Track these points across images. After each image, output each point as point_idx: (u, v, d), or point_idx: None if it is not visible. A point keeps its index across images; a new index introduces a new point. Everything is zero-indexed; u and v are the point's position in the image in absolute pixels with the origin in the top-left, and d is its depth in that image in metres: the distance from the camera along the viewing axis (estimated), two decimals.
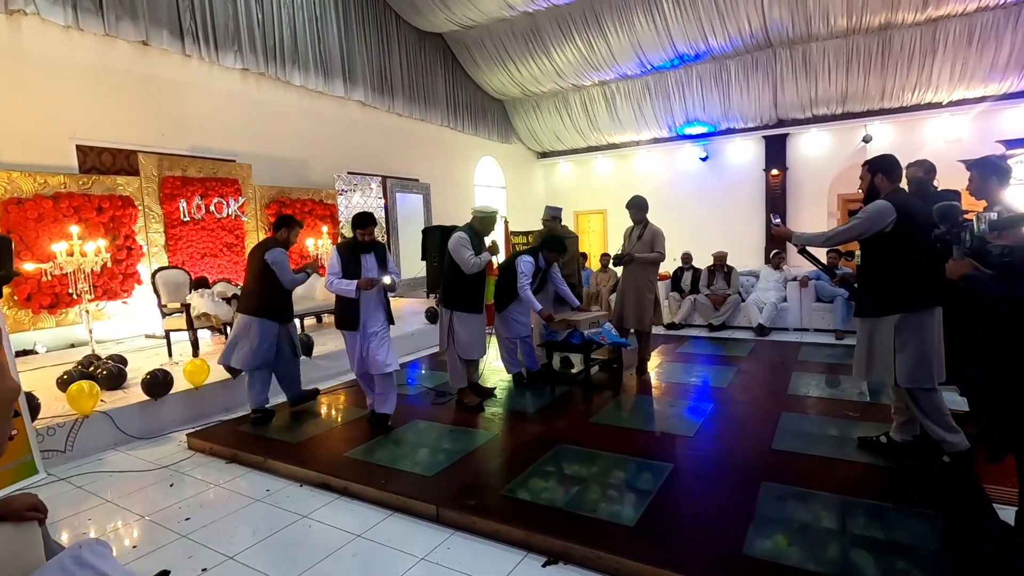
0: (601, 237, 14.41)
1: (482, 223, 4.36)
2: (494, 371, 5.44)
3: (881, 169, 3.02)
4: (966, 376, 3.11)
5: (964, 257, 2.54)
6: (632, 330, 5.26)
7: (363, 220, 3.91)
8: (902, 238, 2.83)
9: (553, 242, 4.85)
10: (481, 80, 12.81)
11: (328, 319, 7.44)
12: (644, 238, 5.08)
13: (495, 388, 4.86)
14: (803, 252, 3.76)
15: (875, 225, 2.86)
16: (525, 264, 4.65)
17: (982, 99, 10.00)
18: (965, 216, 2.66)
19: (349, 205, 9.22)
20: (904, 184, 3.21)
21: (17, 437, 3.07)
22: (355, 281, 3.79)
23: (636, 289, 5.13)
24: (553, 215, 5.62)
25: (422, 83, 11.44)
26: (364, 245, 3.92)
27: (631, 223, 5.27)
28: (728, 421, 3.95)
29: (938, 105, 10.38)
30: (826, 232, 3.10)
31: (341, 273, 3.81)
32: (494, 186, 14.01)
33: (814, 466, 3.09)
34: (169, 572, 2.27)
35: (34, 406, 3.60)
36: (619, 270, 6.04)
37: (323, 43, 9.24)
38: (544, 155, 15.23)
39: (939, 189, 3.55)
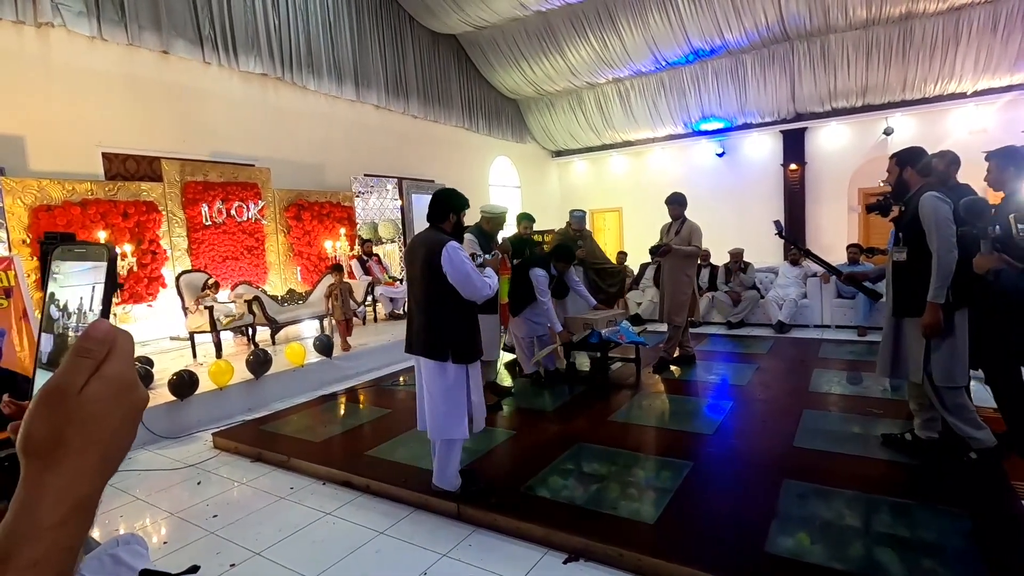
0: (617, 235, 14.34)
1: (490, 223, 4.30)
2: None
3: (910, 162, 2.93)
4: (996, 369, 3.05)
5: (992, 251, 2.50)
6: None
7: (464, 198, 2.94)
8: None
9: (561, 252, 4.86)
10: (495, 80, 12.83)
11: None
12: (682, 234, 5.13)
13: (513, 387, 4.88)
14: (807, 253, 3.71)
15: (951, 223, 2.68)
16: (540, 278, 4.63)
17: (1008, 88, 9.74)
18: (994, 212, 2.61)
19: (366, 207, 9.32)
20: None
21: None
22: (492, 270, 2.97)
23: (671, 283, 5.20)
24: (578, 225, 5.78)
25: (436, 85, 11.49)
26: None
27: (669, 219, 5.31)
28: (748, 419, 3.92)
29: (962, 95, 10.14)
30: (939, 274, 2.69)
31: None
32: (509, 185, 14.02)
33: (837, 464, 3.06)
34: (199, 568, 2.33)
35: None
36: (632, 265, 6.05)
37: (337, 48, 9.33)
38: (559, 154, 15.20)
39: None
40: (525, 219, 5.17)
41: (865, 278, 3.51)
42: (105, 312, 0.47)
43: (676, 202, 5.22)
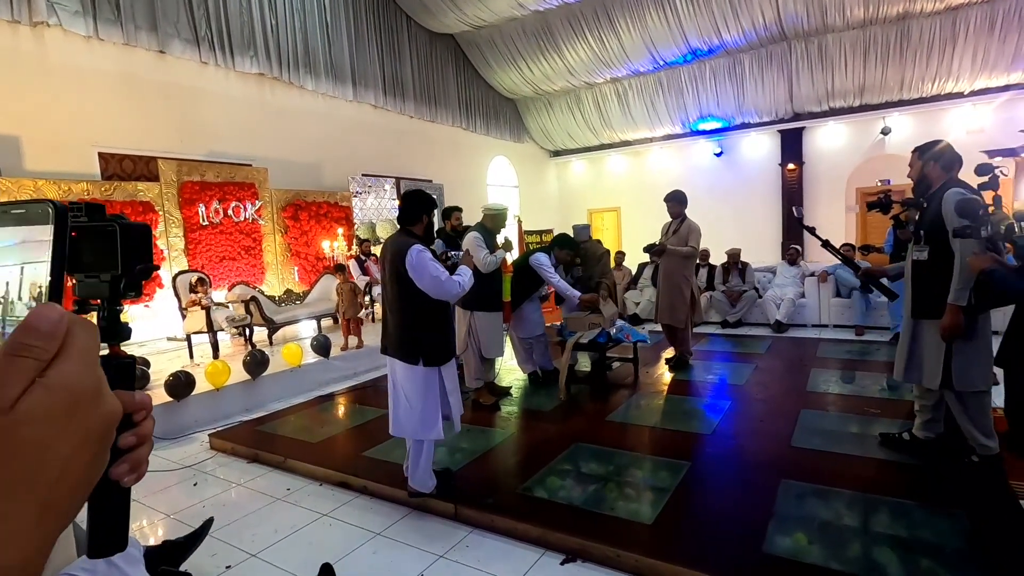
0: (615, 235, 14.34)
1: (493, 221, 4.34)
2: (509, 370, 5.45)
3: (933, 156, 2.81)
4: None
5: (985, 251, 2.49)
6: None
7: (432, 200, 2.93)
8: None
9: (564, 240, 4.84)
10: (493, 80, 12.81)
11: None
12: (680, 232, 5.09)
13: (511, 387, 4.88)
14: (826, 245, 3.65)
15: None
16: (542, 260, 4.64)
17: (1006, 88, 9.74)
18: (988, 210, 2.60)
19: (364, 207, 9.30)
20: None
21: None
22: (466, 266, 2.94)
23: (669, 283, 5.15)
24: (587, 236, 5.59)
25: (434, 84, 11.48)
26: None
27: (668, 217, 5.26)
28: (746, 418, 3.92)
29: (959, 95, 10.15)
30: (962, 275, 2.60)
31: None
32: (507, 185, 14.01)
33: (835, 463, 3.05)
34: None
35: None
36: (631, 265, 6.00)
37: (335, 47, 9.31)
38: (557, 153, 15.19)
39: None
40: (456, 210, 4.89)
41: (883, 275, 3.38)
42: (56, 294, 0.35)
43: (675, 200, 5.15)
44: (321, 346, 5.54)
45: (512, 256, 4.86)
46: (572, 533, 2.46)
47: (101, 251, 0.41)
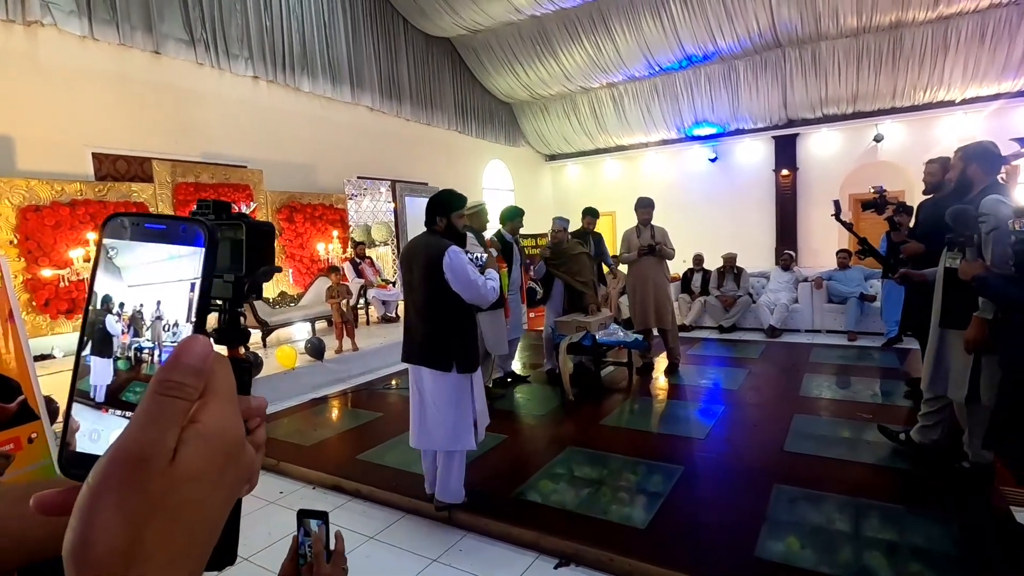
0: (610, 240, 14.35)
1: (476, 219, 4.27)
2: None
3: (977, 159, 2.70)
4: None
5: (977, 259, 2.51)
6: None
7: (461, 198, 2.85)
8: None
9: (512, 213, 4.81)
10: (489, 83, 12.85)
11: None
12: (656, 237, 5.13)
13: (504, 392, 4.88)
14: (863, 243, 3.58)
15: (1011, 232, 2.44)
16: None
17: (996, 97, 9.86)
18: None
19: (359, 209, 9.29)
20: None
21: (36, 440, 3.13)
22: (493, 270, 2.79)
23: (656, 287, 5.13)
24: (562, 226, 5.37)
25: (430, 87, 11.49)
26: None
27: (636, 223, 5.28)
28: (739, 423, 3.94)
29: (951, 103, 10.26)
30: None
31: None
32: (502, 189, 14.02)
33: (827, 468, 3.07)
34: None
35: (52, 410, 3.66)
36: (624, 268, 5.95)
37: (331, 49, 9.32)
38: (552, 157, 15.23)
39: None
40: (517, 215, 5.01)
41: (923, 279, 3.33)
42: (199, 325, 0.32)
43: (651, 206, 5.23)
44: (315, 349, 5.52)
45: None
46: (566, 537, 2.46)
47: (227, 251, 0.37)
